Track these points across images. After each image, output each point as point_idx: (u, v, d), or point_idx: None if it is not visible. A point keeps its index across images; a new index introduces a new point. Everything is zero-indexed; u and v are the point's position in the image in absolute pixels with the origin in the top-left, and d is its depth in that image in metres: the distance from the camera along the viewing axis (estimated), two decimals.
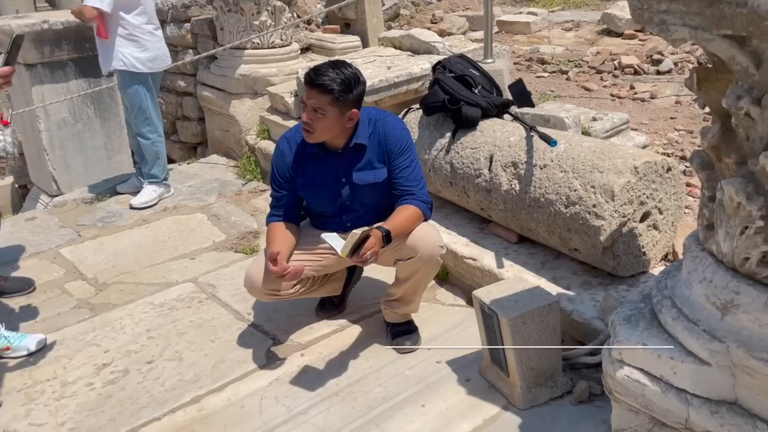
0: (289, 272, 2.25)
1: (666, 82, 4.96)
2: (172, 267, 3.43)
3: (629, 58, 5.35)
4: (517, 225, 2.78)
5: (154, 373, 2.53)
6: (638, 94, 4.70)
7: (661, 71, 5.16)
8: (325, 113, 2.21)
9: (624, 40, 6.09)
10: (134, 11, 3.87)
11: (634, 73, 5.20)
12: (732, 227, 1.59)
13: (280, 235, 2.43)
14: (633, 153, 2.48)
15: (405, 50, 4.50)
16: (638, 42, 6.00)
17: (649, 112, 4.35)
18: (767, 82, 1.43)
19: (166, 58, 4.10)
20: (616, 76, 5.19)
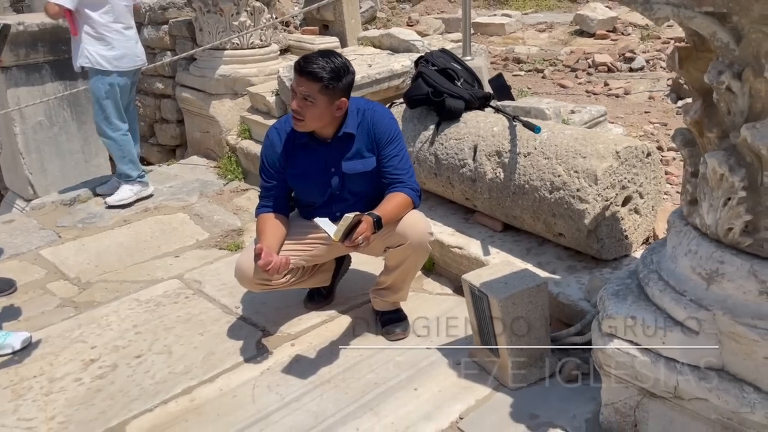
0: (273, 266, 2.26)
1: (639, 79, 5.09)
2: (157, 265, 3.41)
3: (603, 57, 5.48)
4: (502, 213, 2.83)
5: (144, 367, 2.52)
6: (613, 91, 4.81)
7: (633, 68, 5.29)
8: (315, 101, 2.24)
9: (596, 40, 6.23)
10: (100, 9, 3.87)
11: (608, 70, 5.33)
12: (715, 199, 1.65)
13: (270, 227, 2.44)
14: (614, 138, 2.55)
15: (385, 49, 4.55)
16: (610, 41, 6.14)
17: (624, 107, 4.46)
18: (747, 56, 1.49)
19: (136, 58, 4.07)
20: (591, 73, 5.31)
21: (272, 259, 2.25)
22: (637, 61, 5.37)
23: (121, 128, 4.11)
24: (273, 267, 2.25)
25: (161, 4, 5.44)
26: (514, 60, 5.86)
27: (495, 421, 2.10)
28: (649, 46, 5.85)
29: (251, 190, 4.42)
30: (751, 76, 1.49)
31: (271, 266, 2.24)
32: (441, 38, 5.17)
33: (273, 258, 2.26)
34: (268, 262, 2.24)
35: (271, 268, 2.24)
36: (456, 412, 2.16)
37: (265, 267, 2.24)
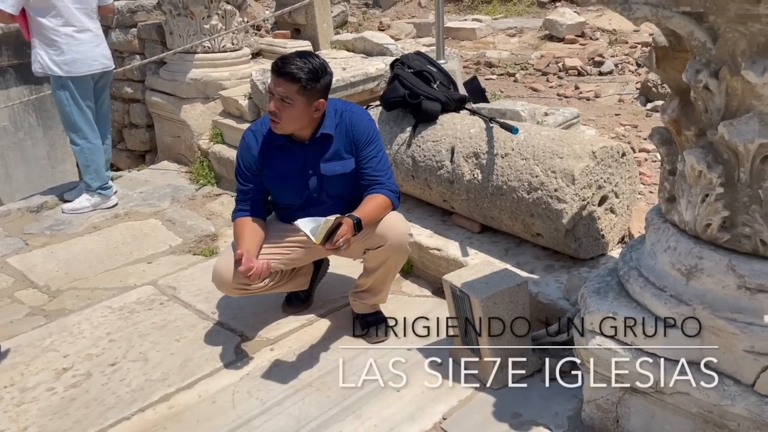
0: (255, 271, 2.23)
1: (608, 82, 5.18)
2: (129, 271, 3.34)
3: (572, 61, 5.56)
4: (480, 214, 2.84)
5: (119, 375, 2.46)
6: (583, 94, 4.89)
7: (603, 72, 5.38)
8: (293, 102, 2.22)
9: (566, 45, 6.33)
10: (48, 14, 3.79)
11: (578, 74, 5.41)
12: (693, 196, 1.68)
13: (248, 231, 2.40)
14: (590, 139, 2.58)
15: (358, 53, 4.55)
16: (579, 46, 6.24)
17: (595, 110, 4.53)
18: (723, 55, 1.52)
19: (92, 62, 3.94)
20: (561, 77, 5.39)
21: (253, 265, 2.22)
22: (606, 65, 5.47)
23: (87, 136, 4.02)
24: (254, 272, 2.22)
25: (130, 8, 5.36)
26: (486, 64, 5.92)
27: (478, 420, 2.10)
28: (618, 50, 5.96)
29: (224, 195, 4.37)
30: (727, 75, 1.52)
31: (252, 272, 2.21)
32: (413, 42, 5.20)
33: (254, 263, 2.23)
34: (250, 267, 2.21)
35: (252, 273, 2.22)
36: (439, 412, 2.16)
37: (247, 273, 2.21)
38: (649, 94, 4.70)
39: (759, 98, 1.49)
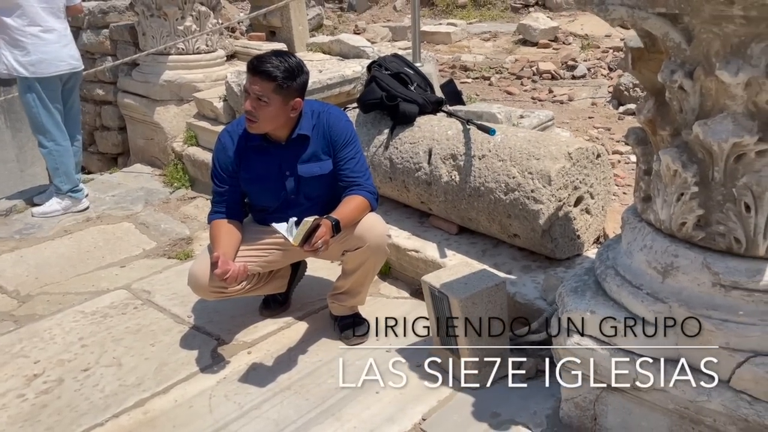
0: (231, 274, 2.21)
1: (581, 86, 5.25)
2: (102, 275, 3.28)
3: (546, 65, 5.63)
4: (457, 216, 2.85)
5: (92, 380, 2.41)
6: (557, 97, 4.94)
7: (576, 76, 5.45)
8: (269, 101, 2.20)
9: (539, 49, 6.40)
10: (13, 14, 3.70)
11: (552, 78, 5.47)
12: (669, 195, 1.70)
13: (224, 233, 2.37)
14: (566, 140, 2.61)
15: (334, 55, 4.53)
16: (552, 50, 6.32)
17: (569, 113, 4.58)
18: (698, 56, 1.55)
19: (59, 62, 3.85)
20: (535, 81, 5.44)
21: (230, 268, 2.20)
22: (579, 69, 5.54)
23: (56, 138, 3.94)
24: (231, 275, 2.20)
25: (101, 8, 5.28)
26: (461, 67, 5.95)
27: (457, 421, 2.10)
28: (590, 54, 6.05)
29: (199, 198, 4.32)
30: (702, 75, 1.55)
31: (229, 275, 2.19)
32: (389, 45, 5.20)
33: (230, 266, 2.21)
34: (226, 270, 2.19)
35: (229, 276, 2.19)
36: (419, 413, 2.15)
37: (223, 276, 2.18)
38: (622, 97, 4.78)
39: (732, 98, 1.52)
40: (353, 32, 7.03)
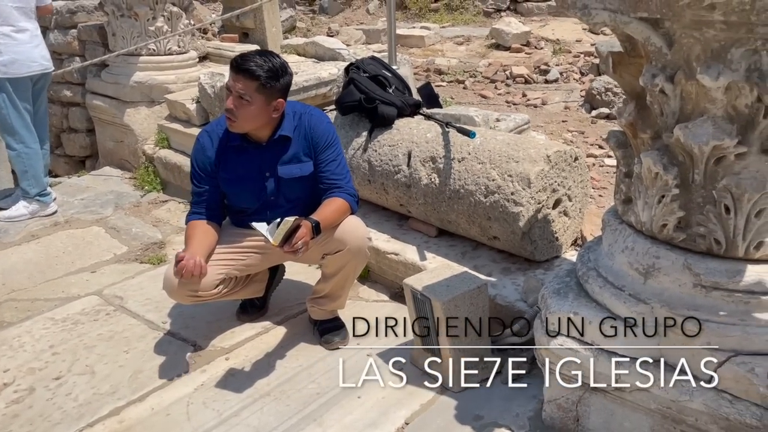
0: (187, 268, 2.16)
1: (554, 90, 5.31)
2: (72, 281, 3.20)
3: (519, 69, 5.68)
4: (437, 218, 2.85)
5: (65, 389, 2.34)
6: (531, 101, 4.99)
7: (549, 80, 5.51)
8: (251, 100, 2.17)
9: (512, 53, 6.46)
10: None
11: (525, 82, 5.52)
12: (650, 197, 1.72)
13: (198, 234, 2.33)
14: (544, 143, 2.63)
15: (309, 57, 4.51)
16: (525, 54, 6.38)
17: (543, 116, 4.63)
18: (679, 60, 1.57)
19: (31, 63, 3.77)
20: (509, 85, 5.49)
21: (185, 263, 2.16)
22: (551, 73, 5.60)
23: (25, 140, 3.83)
24: (187, 269, 2.15)
25: (69, 8, 5.16)
26: (436, 71, 5.97)
27: (441, 424, 2.10)
28: (562, 59, 6.12)
29: (171, 202, 4.25)
30: (683, 79, 1.57)
31: (185, 269, 2.15)
32: (364, 48, 5.19)
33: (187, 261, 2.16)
34: (182, 266, 2.15)
35: (185, 270, 2.15)
36: (401, 417, 2.14)
37: (180, 270, 2.15)
38: (594, 101, 4.84)
39: (713, 102, 1.54)
40: (326, 35, 7.00)
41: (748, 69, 1.46)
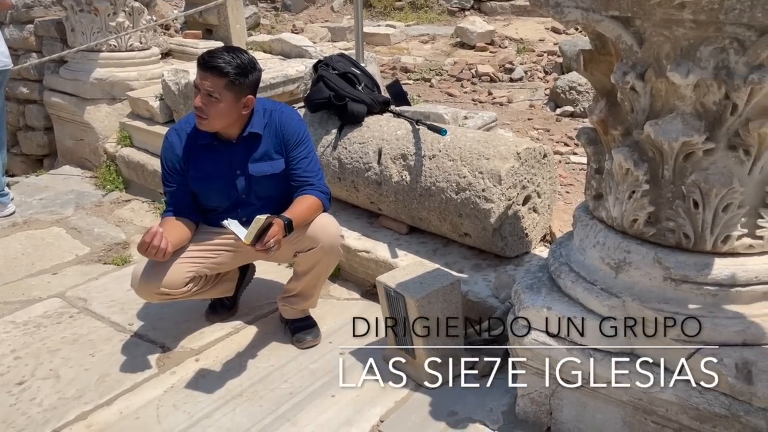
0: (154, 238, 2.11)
1: (519, 89, 5.37)
2: (32, 283, 3.10)
3: (485, 67, 5.73)
4: (408, 216, 2.85)
5: (28, 394, 2.26)
6: (497, 99, 5.04)
7: (514, 79, 5.58)
8: (220, 98, 2.13)
9: (477, 52, 6.51)
10: None
11: (491, 80, 5.58)
12: (621, 193, 1.75)
13: (168, 227, 2.28)
14: (514, 141, 2.66)
15: (276, 54, 4.47)
16: (489, 53, 6.44)
17: (509, 114, 4.68)
18: (649, 58, 1.60)
19: None
20: (475, 83, 5.53)
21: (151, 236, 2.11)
22: (516, 71, 5.67)
23: None
24: (149, 233, 2.11)
25: (26, 2, 5.02)
26: (402, 69, 5.98)
27: (415, 421, 2.10)
28: (526, 58, 6.19)
29: (135, 201, 4.16)
30: (653, 77, 1.60)
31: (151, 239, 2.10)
32: (330, 45, 5.17)
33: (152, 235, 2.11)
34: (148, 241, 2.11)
35: (148, 235, 2.11)
36: (376, 415, 2.13)
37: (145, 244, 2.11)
38: (558, 99, 4.92)
39: (682, 99, 1.57)
40: (291, 31, 6.95)
41: (716, 67, 1.50)
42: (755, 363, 1.60)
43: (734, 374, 1.59)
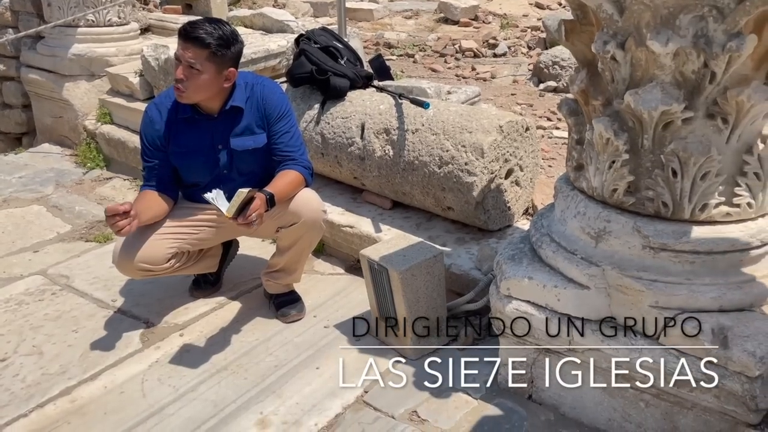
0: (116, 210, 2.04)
1: (503, 64, 5.36)
2: (13, 261, 3.07)
3: (468, 43, 5.70)
4: (391, 190, 2.85)
5: (11, 370, 2.26)
6: (480, 75, 5.03)
7: (497, 54, 5.56)
8: (201, 69, 2.11)
9: (460, 28, 6.48)
10: None
11: (474, 56, 5.55)
12: (601, 163, 1.77)
13: (143, 200, 2.26)
14: (497, 114, 2.66)
15: (257, 29, 4.41)
16: (473, 29, 6.41)
17: (493, 90, 4.67)
18: (629, 27, 1.60)
19: None
20: (458, 59, 5.51)
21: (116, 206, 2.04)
22: (500, 47, 5.65)
23: None
24: (110, 208, 2.03)
25: None
26: (385, 44, 5.94)
27: (399, 391, 2.12)
28: (510, 33, 6.18)
29: (116, 179, 4.12)
30: (633, 46, 1.60)
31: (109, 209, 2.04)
32: (313, 20, 5.12)
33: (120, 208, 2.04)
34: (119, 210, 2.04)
35: (108, 209, 2.03)
36: (360, 386, 2.15)
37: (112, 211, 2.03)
38: (541, 75, 4.92)
39: (661, 68, 1.58)
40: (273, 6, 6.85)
41: (695, 35, 1.51)
42: (731, 328, 1.63)
43: (710, 339, 1.63)
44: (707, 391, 1.65)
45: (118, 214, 2.04)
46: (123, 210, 2.04)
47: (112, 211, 2.04)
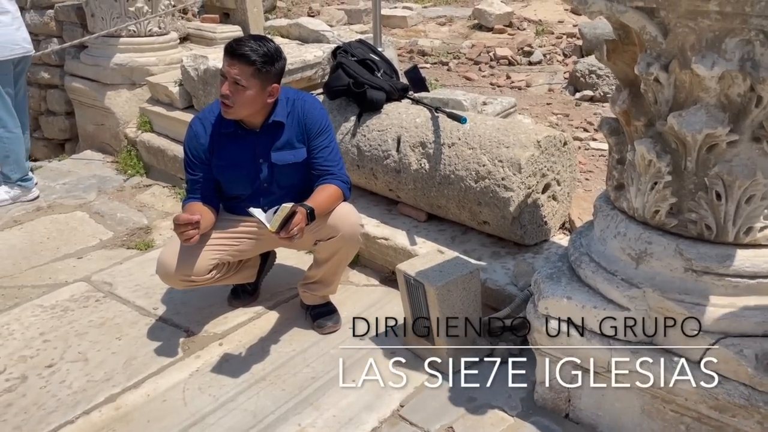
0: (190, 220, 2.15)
1: (538, 72, 5.33)
2: (58, 267, 3.17)
3: (503, 50, 5.68)
4: (426, 203, 2.87)
5: (58, 377, 2.33)
6: (515, 83, 5.01)
7: (532, 62, 5.52)
8: (247, 86, 2.16)
9: (495, 34, 6.45)
10: None
11: (509, 63, 5.53)
12: (643, 184, 1.76)
13: (197, 208, 2.33)
14: (534, 129, 2.65)
15: (293, 39, 4.46)
16: (508, 36, 6.38)
17: (528, 99, 4.65)
18: (673, 49, 1.59)
19: (14, 46, 3.69)
20: (493, 66, 5.49)
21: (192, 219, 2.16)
22: (535, 54, 5.61)
23: (7, 124, 3.77)
24: (188, 220, 2.15)
25: None
26: (419, 52, 5.95)
27: (435, 406, 2.14)
28: (545, 40, 6.13)
29: (155, 186, 4.21)
30: (677, 68, 1.59)
31: (179, 219, 2.16)
32: (348, 29, 5.16)
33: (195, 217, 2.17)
34: (189, 219, 2.16)
35: (187, 224, 2.15)
36: (396, 400, 2.17)
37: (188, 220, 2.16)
38: (578, 83, 4.88)
39: (706, 90, 1.57)
40: (307, 14, 6.93)
41: (742, 59, 1.49)
42: None
43: (754, 365, 1.60)
44: (750, 417, 1.63)
45: (191, 223, 2.13)
46: (196, 220, 2.14)
47: (186, 221, 2.14)
